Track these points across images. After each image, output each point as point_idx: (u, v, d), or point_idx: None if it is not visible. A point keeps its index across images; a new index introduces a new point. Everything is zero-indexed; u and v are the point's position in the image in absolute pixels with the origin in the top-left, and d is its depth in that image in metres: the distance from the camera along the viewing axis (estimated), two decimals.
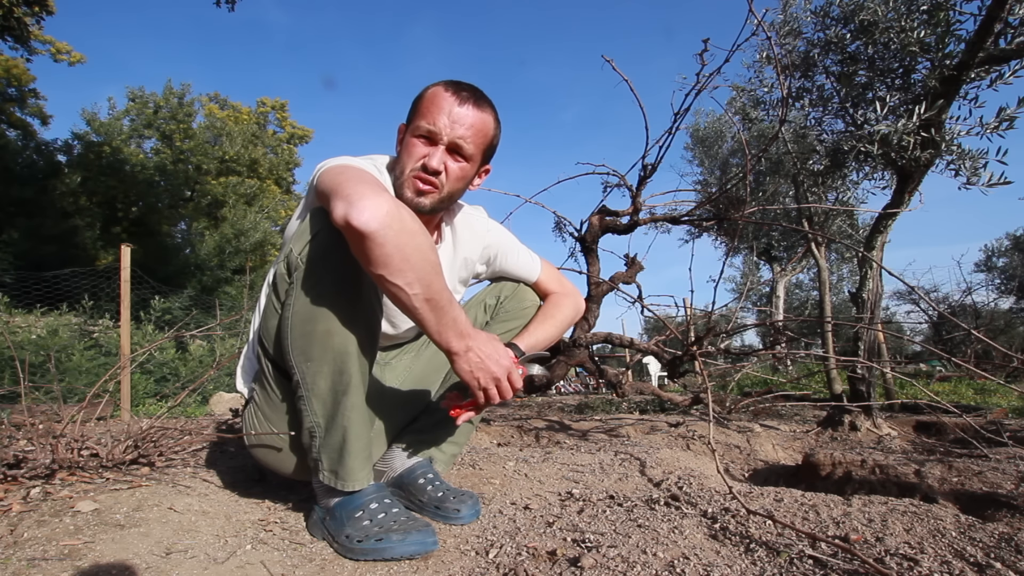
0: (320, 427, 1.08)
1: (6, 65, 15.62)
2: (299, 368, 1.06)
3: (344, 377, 1.05)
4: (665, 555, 0.98)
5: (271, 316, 1.13)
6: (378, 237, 0.90)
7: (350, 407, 1.07)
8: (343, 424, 1.07)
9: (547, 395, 6.78)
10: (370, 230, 0.89)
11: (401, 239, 0.92)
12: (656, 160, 1.86)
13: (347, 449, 1.09)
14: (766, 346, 2.94)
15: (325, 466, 1.10)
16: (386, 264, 0.92)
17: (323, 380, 1.05)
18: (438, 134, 1.13)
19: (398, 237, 0.91)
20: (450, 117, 1.12)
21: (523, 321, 1.39)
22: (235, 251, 17.65)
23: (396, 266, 0.92)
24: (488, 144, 1.21)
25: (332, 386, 1.05)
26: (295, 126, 24.80)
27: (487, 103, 1.18)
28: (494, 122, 1.20)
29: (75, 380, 5.50)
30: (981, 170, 2.26)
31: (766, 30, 1.65)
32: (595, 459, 1.88)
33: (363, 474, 1.12)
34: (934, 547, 0.98)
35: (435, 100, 1.14)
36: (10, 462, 1.24)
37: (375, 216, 0.90)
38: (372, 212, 0.90)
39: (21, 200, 14.00)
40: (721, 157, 8.15)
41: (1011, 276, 12.15)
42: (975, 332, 1.76)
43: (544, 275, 1.47)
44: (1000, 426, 2.52)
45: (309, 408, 1.08)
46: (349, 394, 1.06)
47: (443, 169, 1.15)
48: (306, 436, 1.11)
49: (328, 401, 1.06)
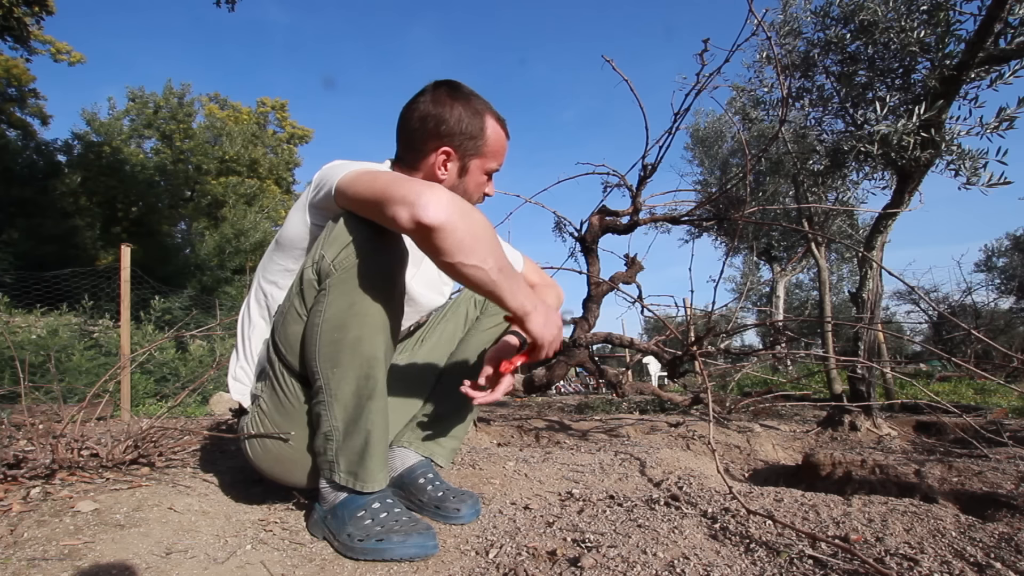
0: (339, 431, 1.08)
1: (6, 65, 15.63)
2: (323, 374, 1.06)
3: (371, 382, 1.06)
4: (665, 555, 0.98)
5: (292, 323, 1.11)
6: (449, 226, 0.93)
7: (375, 411, 1.08)
8: (367, 427, 1.08)
9: (547, 395, 6.78)
10: (440, 222, 0.92)
11: (467, 222, 0.96)
12: (656, 160, 1.86)
13: (369, 452, 1.09)
14: (766, 346, 2.94)
15: (342, 468, 1.10)
16: (461, 249, 0.95)
17: (348, 385, 1.06)
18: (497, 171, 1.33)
19: (465, 221, 0.95)
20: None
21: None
22: (235, 251, 17.68)
23: (470, 247, 0.96)
24: None
25: (357, 391, 1.06)
26: (295, 126, 24.84)
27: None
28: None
29: (75, 380, 5.50)
30: (981, 170, 2.26)
31: (766, 30, 1.65)
32: (595, 459, 1.88)
33: (382, 475, 1.13)
34: (934, 547, 0.98)
35: (502, 145, 1.31)
36: (10, 462, 1.23)
37: (441, 207, 0.92)
38: (437, 205, 0.92)
39: (21, 200, 14.01)
40: (721, 157, 8.14)
41: (1011, 276, 12.15)
42: (975, 332, 1.76)
43: (527, 268, 1.56)
44: (1000, 426, 2.52)
45: (329, 413, 1.08)
46: (375, 398, 1.07)
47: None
48: (321, 439, 1.11)
49: (350, 405, 1.07)
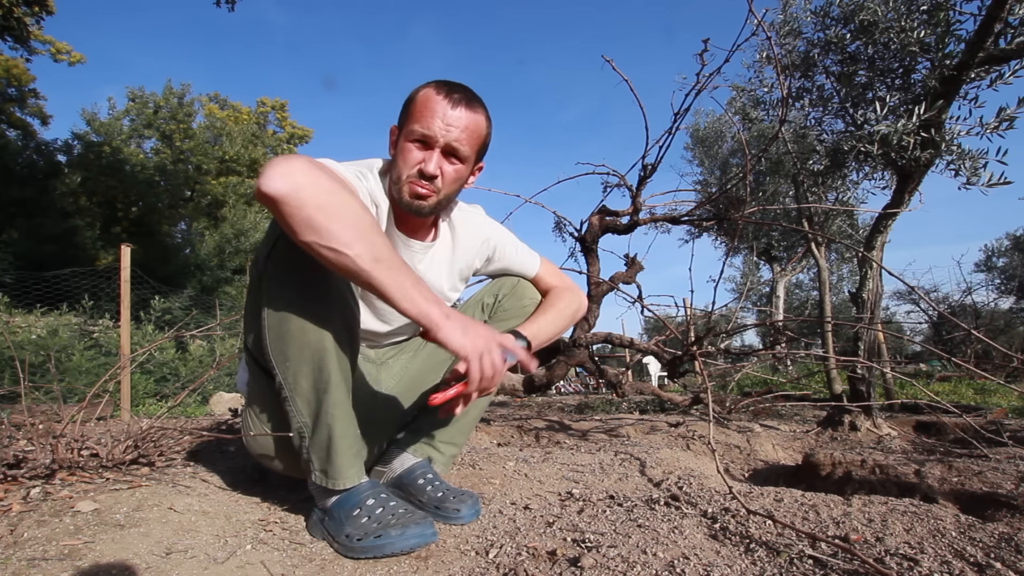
0: (308, 427, 1.08)
1: (6, 65, 15.63)
2: (279, 368, 1.05)
3: (324, 375, 1.04)
4: (665, 555, 0.98)
5: (251, 319, 1.12)
6: (292, 199, 0.82)
7: (332, 404, 1.06)
8: (328, 422, 1.07)
9: (547, 395, 6.78)
10: (281, 192, 0.82)
11: (322, 197, 0.83)
12: (656, 160, 1.86)
13: (334, 447, 1.08)
14: (766, 346, 2.94)
15: (316, 466, 1.10)
16: (311, 226, 0.83)
17: (304, 379, 1.04)
18: (433, 138, 1.11)
19: (317, 195, 0.83)
20: (444, 120, 1.11)
21: (522, 319, 1.37)
22: (235, 251, 17.66)
23: (324, 226, 0.83)
24: (482, 144, 1.20)
25: (314, 384, 1.04)
26: (295, 126, 24.83)
27: (479, 103, 1.17)
28: (486, 121, 1.19)
29: (75, 380, 5.50)
30: (981, 170, 2.26)
31: (766, 30, 1.65)
32: (595, 459, 1.88)
33: (353, 471, 1.11)
34: (934, 547, 0.98)
35: (428, 103, 1.12)
36: (10, 462, 1.23)
37: (285, 178, 0.82)
38: (282, 175, 0.82)
39: (21, 200, 14.01)
40: (721, 157, 8.14)
41: (1011, 276, 12.16)
42: (975, 332, 1.77)
43: (543, 270, 1.45)
44: (1000, 426, 2.52)
45: (295, 408, 1.07)
46: (330, 391, 1.05)
47: (439, 173, 1.14)
48: (296, 437, 1.11)
49: (312, 400, 1.06)
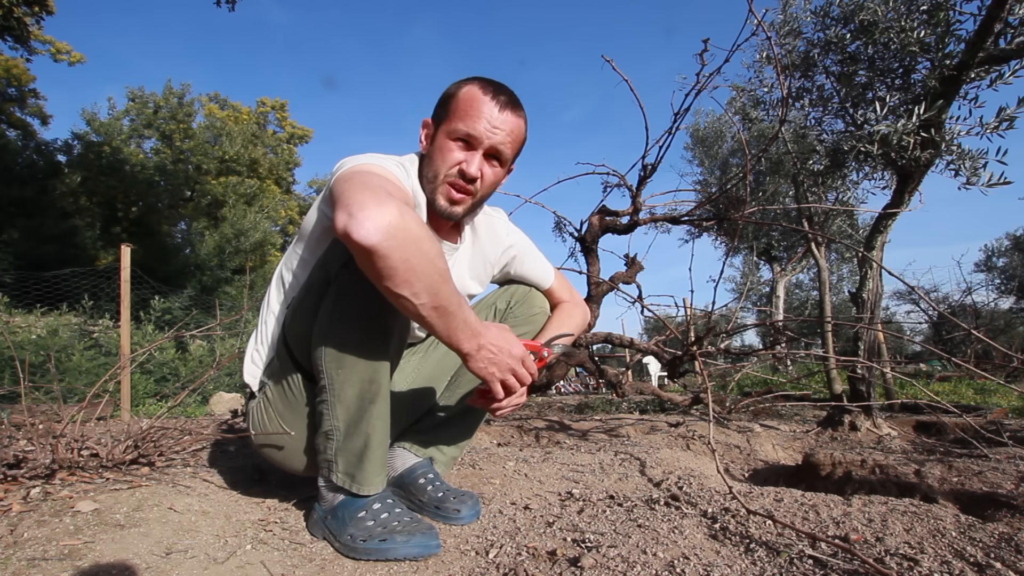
0: (339, 431, 1.08)
1: (6, 65, 15.63)
2: (328, 374, 1.05)
3: (374, 386, 1.05)
4: (665, 555, 0.98)
5: (302, 318, 1.11)
6: (380, 250, 0.85)
7: (376, 415, 1.07)
8: (367, 431, 1.07)
9: (547, 395, 6.78)
10: (371, 244, 0.84)
11: (406, 250, 0.87)
12: (656, 160, 1.86)
13: (368, 455, 1.09)
14: (766, 346, 2.94)
15: (340, 468, 1.10)
16: (391, 277, 0.87)
17: (351, 388, 1.05)
18: (478, 139, 1.10)
19: (402, 249, 0.86)
20: (491, 122, 1.09)
21: (531, 327, 1.39)
22: (235, 251, 17.67)
23: (401, 278, 0.87)
24: (520, 147, 1.20)
25: (360, 393, 1.05)
26: (295, 126, 24.83)
27: (521, 106, 1.16)
28: (526, 124, 1.19)
29: (75, 380, 5.50)
30: (981, 170, 2.26)
31: (766, 30, 1.65)
32: (595, 459, 1.88)
33: (379, 480, 1.12)
34: (934, 547, 0.98)
35: (474, 103, 1.09)
36: (10, 462, 1.24)
37: (377, 228, 0.84)
38: (373, 224, 0.84)
39: (21, 200, 14.02)
40: (721, 157, 8.15)
41: (1011, 276, 12.17)
42: (975, 332, 1.76)
43: (556, 283, 1.47)
44: (1000, 426, 2.52)
45: (331, 412, 1.07)
46: (377, 402, 1.07)
47: (480, 175, 1.12)
48: (321, 438, 1.11)
49: (352, 407, 1.06)
